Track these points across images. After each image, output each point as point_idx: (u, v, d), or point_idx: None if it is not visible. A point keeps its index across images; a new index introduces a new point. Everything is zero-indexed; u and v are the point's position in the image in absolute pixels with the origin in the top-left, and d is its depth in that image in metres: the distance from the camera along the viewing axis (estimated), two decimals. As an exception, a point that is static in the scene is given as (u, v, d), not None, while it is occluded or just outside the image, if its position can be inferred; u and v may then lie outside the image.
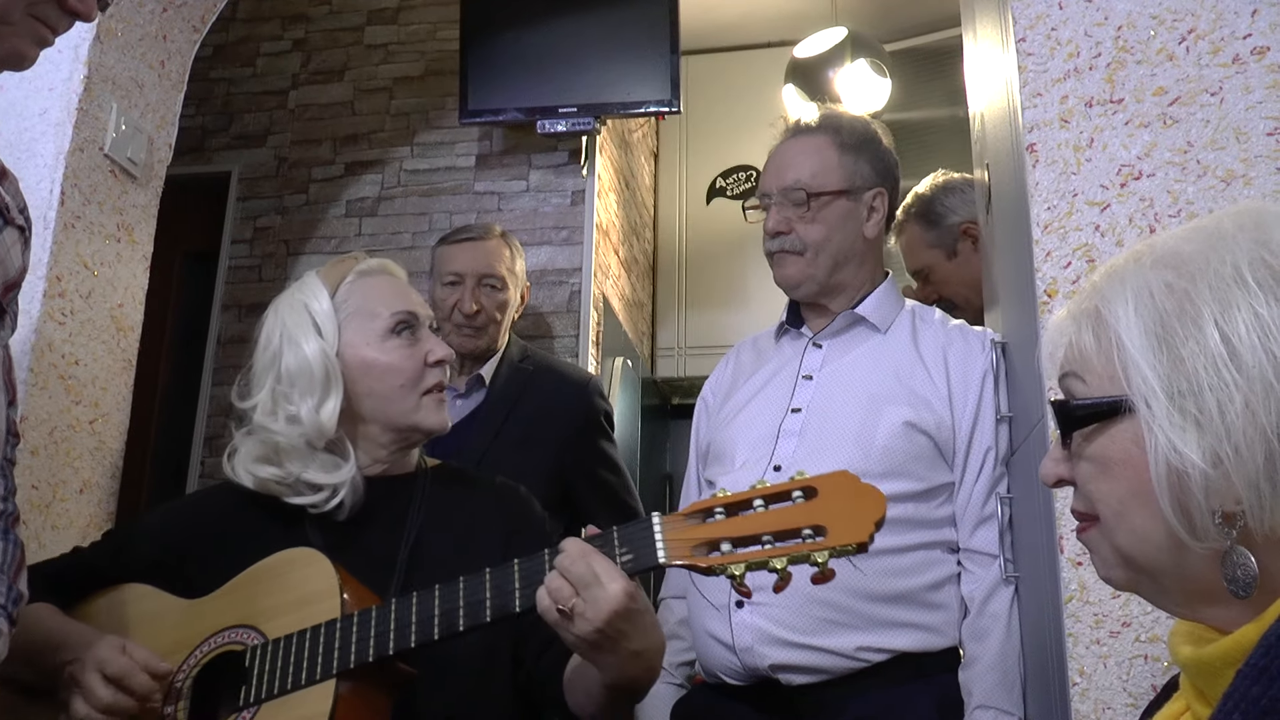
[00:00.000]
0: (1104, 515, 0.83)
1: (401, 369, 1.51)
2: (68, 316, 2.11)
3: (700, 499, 1.87)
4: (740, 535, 1.14)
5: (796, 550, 1.11)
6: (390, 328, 1.52)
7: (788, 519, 1.14)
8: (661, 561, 1.16)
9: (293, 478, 1.47)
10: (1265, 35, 1.48)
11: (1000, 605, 1.64)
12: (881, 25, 4.71)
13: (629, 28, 3.74)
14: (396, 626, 1.27)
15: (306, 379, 1.47)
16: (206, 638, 1.40)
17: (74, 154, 2.13)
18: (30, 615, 1.39)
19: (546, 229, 3.79)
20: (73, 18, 1.33)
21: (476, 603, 1.25)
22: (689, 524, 1.18)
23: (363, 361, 1.50)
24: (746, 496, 1.17)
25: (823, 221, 1.82)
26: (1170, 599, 0.83)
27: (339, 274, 1.57)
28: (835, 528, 1.12)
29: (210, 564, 1.46)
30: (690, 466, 2.01)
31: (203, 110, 4.09)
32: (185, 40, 2.47)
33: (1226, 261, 0.77)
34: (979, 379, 1.74)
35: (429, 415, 1.52)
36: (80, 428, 2.14)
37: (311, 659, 1.29)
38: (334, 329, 1.51)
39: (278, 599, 1.37)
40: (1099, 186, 1.51)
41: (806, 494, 1.15)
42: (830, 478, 1.16)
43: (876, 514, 1.12)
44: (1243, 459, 0.73)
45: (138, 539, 1.58)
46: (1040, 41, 1.59)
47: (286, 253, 3.94)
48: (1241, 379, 0.73)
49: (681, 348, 4.76)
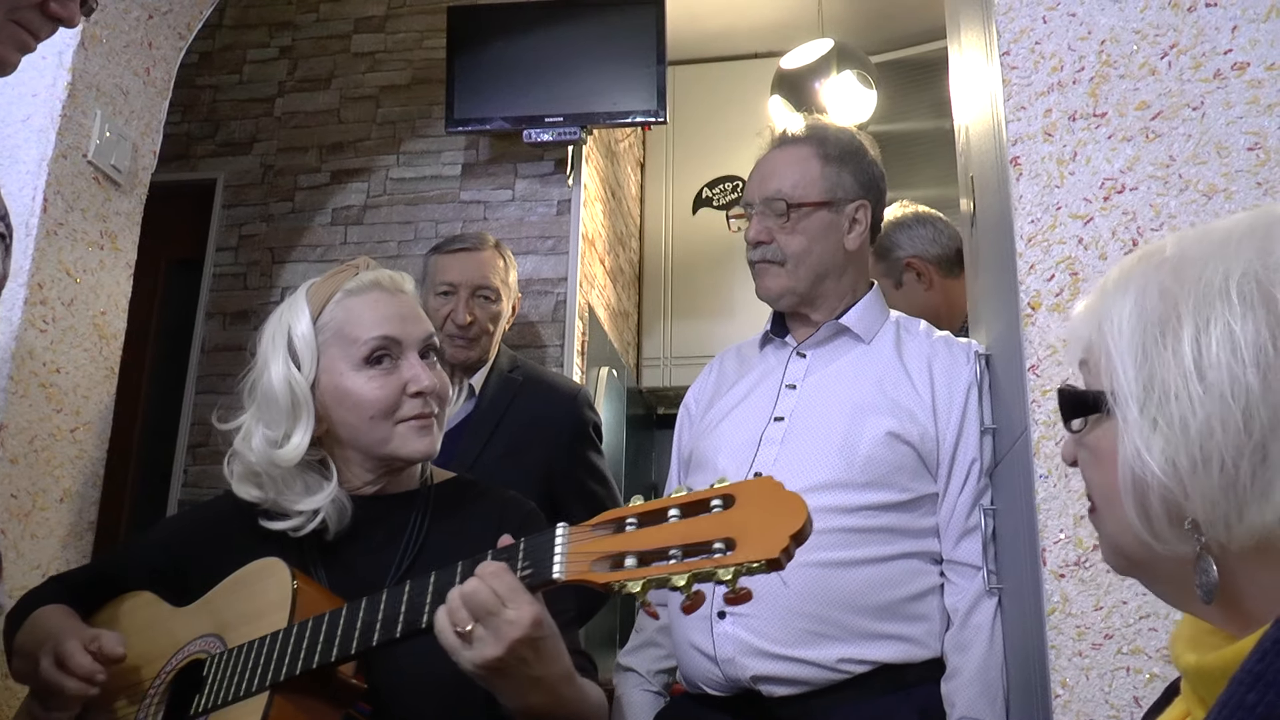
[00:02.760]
0: (1096, 503, 0.85)
1: (372, 402, 1.44)
2: (49, 324, 2.10)
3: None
4: (647, 549, 1.04)
5: (700, 566, 0.99)
6: (365, 357, 1.46)
7: (699, 530, 1.02)
8: (556, 577, 1.09)
9: (270, 501, 1.46)
10: (1245, 51, 1.49)
11: (983, 617, 1.64)
12: (867, 37, 4.73)
13: (616, 38, 3.75)
14: (324, 639, 1.25)
15: (275, 408, 1.44)
16: (183, 645, 1.41)
17: (57, 160, 2.12)
18: (37, 618, 1.42)
19: (532, 238, 3.79)
20: (55, 23, 1.33)
21: (390, 618, 1.21)
22: (595, 535, 1.10)
23: (337, 389, 1.46)
24: (662, 505, 1.07)
25: (803, 232, 1.82)
26: (1161, 589, 0.84)
27: (327, 292, 1.52)
28: (746, 541, 0.99)
29: (208, 572, 1.45)
30: (672, 474, 2.00)
31: (188, 117, 4.08)
32: (171, 47, 2.47)
33: (1219, 272, 0.77)
34: (964, 390, 1.74)
35: (405, 444, 1.46)
36: (61, 436, 2.13)
37: (253, 670, 1.28)
38: (312, 356, 1.46)
39: (242, 608, 1.37)
40: (1082, 200, 1.52)
41: (725, 502, 1.03)
42: (750, 484, 1.04)
43: (793, 526, 0.98)
44: (1198, 473, 0.74)
45: (148, 548, 1.60)
46: (1024, 55, 1.60)
47: (272, 260, 3.93)
48: (1205, 394, 0.74)
49: (667, 358, 4.76)
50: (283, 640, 1.28)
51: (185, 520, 1.63)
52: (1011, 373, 1.58)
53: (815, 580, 1.62)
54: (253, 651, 1.30)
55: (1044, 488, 1.43)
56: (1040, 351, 1.47)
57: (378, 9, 4.11)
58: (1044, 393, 1.46)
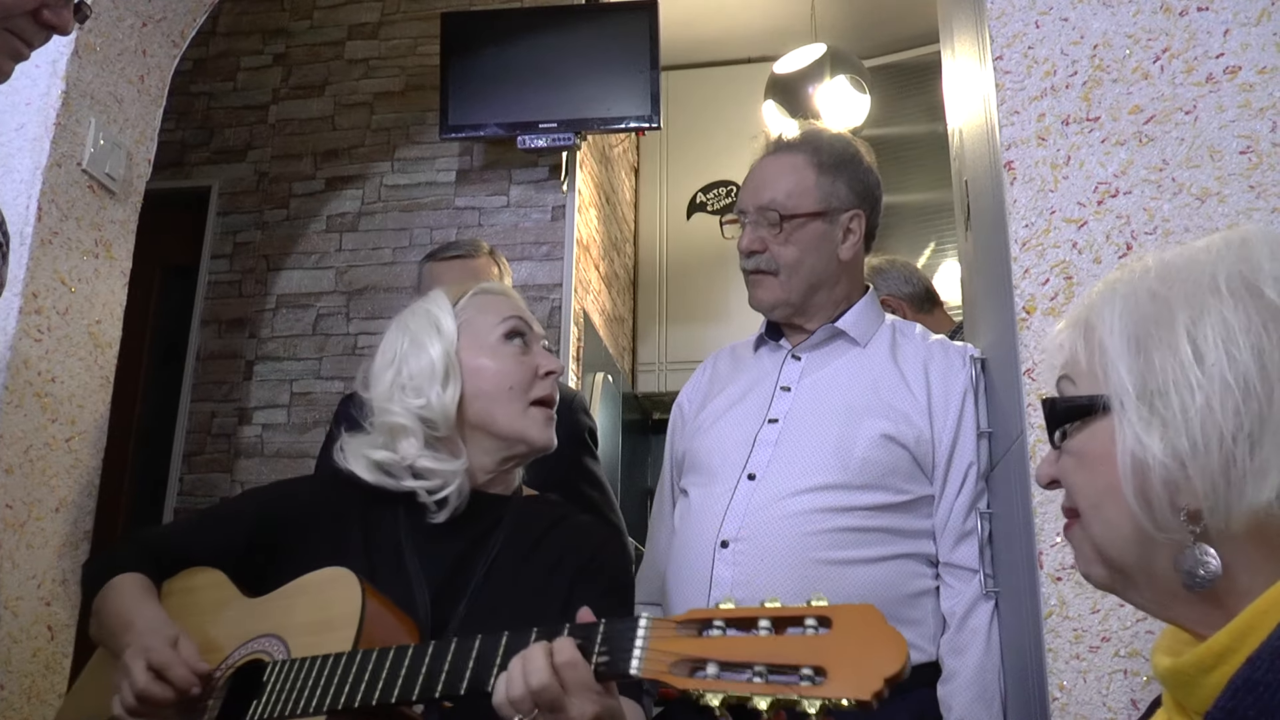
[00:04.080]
0: (1082, 508, 0.86)
1: (511, 373, 1.52)
2: (44, 333, 2.10)
3: (669, 516, 1.86)
4: (730, 660, 0.98)
5: (784, 692, 0.93)
6: (504, 333, 1.55)
7: (789, 651, 0.96)
8: (633, 673, 1.04)
9: (407, 460, 1.48)
10: (1237, 55, 1.50)
11: (980, 620, 1.64)
12: (861, 41, 4.74)
13: (609, 43, 3.76)
14: (387, 677, 1.23)
15: (428, 372, 1.50)
16: (246, 641, 1.40)
17: (51, 169, 2.12)
18: (117, 587, 1.43)
19: (527, 244, 3.79)
20: (49, 32, 1.33)
21: (455, 671, 1.18)
22: (679, 634, 1.04)
23: (476, 365, 1.53)
24: (753, 614, 1.01)
25: (796, 243, 1.81)
26: (1143, 596, 0.86)
27: (460, 290, 1.62)
28: (837, 674, 0.92)
29: (286, 561, 1.45)
30: (664, 474, 1.99)
31: (183, 125, 4.08)
32: (165, 55, 2.47)
33: (1206, 272, 0.80)
34: (960, 394, 1.74)
35: (535, 427, 1.53)
36: (57, 445, 2.12)
37: (312, 690, 1.27)
38: (453, 330, 1.54)
39: (308, 616, 1.37)
40: (1076, 204, 1.52)
41: (821, 623, 0.97)
42: (851, 610, 0.97)
43: (890, 667, 0.92)
44: (1199, 455, 0.76)
45: (235, 522, 1.57)
46: (1017, 59, 1.60)
47: (266, 268, 3.93)
48: (1204, 379, 0.77)
49: (662, 363, 4.77)
50: (345, 666, 1.26)
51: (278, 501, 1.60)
52: (1007, 377, 1.59)
53: (811, 581, 1.61)
54: (314, 669, 1.28)
55: (1040, 491, 1.43)
56: (1036, 355, 1.48)
57: (371, 15, 4.12)
58: (1040, 396, 1.46)
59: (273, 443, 3.77)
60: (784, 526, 1.65)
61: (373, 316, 3.81)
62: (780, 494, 1.68)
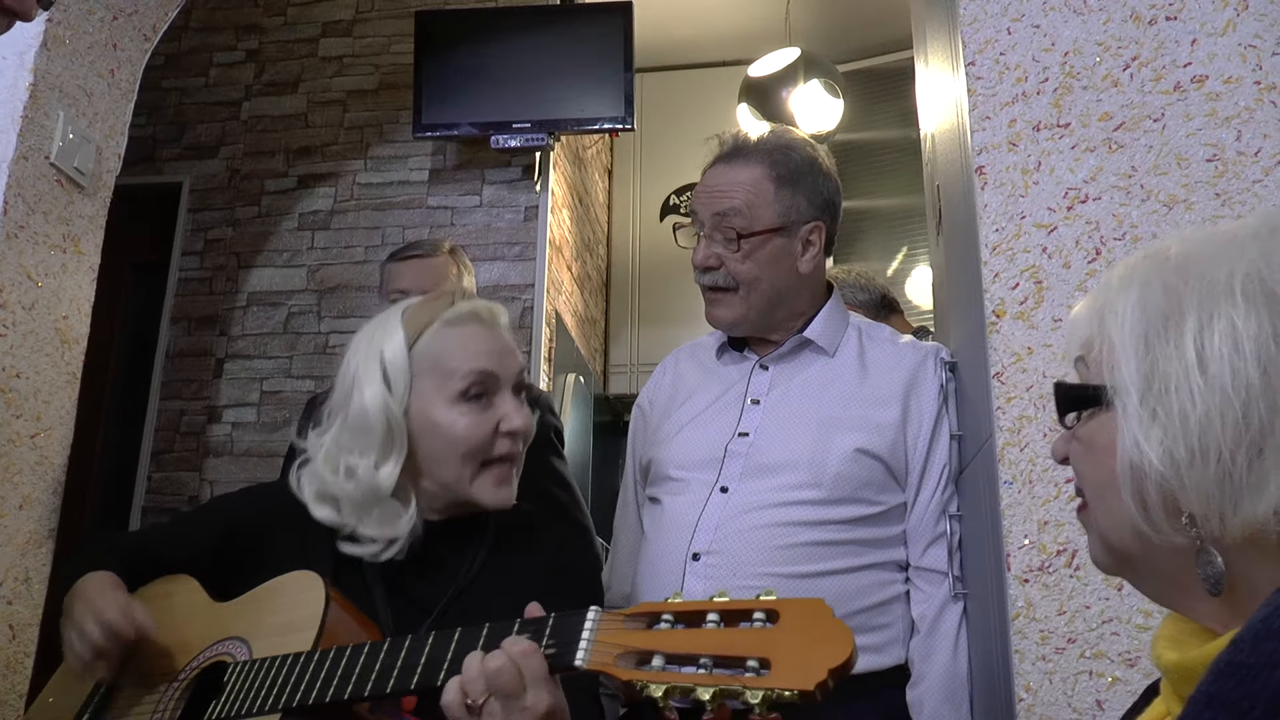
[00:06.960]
0: (1088, 497, 0.86)
1: (465, 439, 1.42)
2: (9, 328, 2.07)
3: (634, 522, 1.84)
4: (678, 652, 0.99)
5: (728, 683, 0.93)
6: (462, 391, 1.43)
7: (735, 643, 0.97)
8: (578, 664, 1.04)
9: (349, 528, 1.44)
10: (1204, 64, 1.52)
11: (949, 623, 1.65)
12: (835, 46, 4.77)
13: (584, 44, 3.76)
14: (342, 674, 1.23)
15: (368, 434, 1.41)
16: (212, 644, 1.40)
17: (18, 162, 2.09)
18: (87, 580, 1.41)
19: (499, 244, 3.78)
20: (10, 17, 1.32)
21: (407, 667, 1.18)
22: (627, 627, 1.04)
23: (430, 422, 1.43)
24: (702, 608, 1.01)
25: (755, 260, 1.75)
26: (1150, 587, 0.85)
27: (424, 319, 1.47)
28: (781, 665, 0.93)
29: (256, 566, 1.44)
30: (626, 476, 1.97)
31: (154, 120, 4.05)
32: (136, 49, 2.45)
33: (1224, 270, 0.79)
34: (933, 397, 1.73)
35: (485, 491, 1.44)
36: (21, 442, 2.10)
37: (269, 689, 1.27)
38: (405, 383, 1.43)
39: (273, 618, 1.36)
40: (1046, 209, 1.53)
41: (768, 617, 0.98)
42: (799, 604, 0.98)
43: (835, 659, 0.92)
44: (1196, 466, 0.75)
45: (206, 529, 1.55)
46: (989, 66, 1.61)
47: (237, 265, 3.91)
48: (1205, 387, 0.75)
49: (634, 364, 4.77)
50: (302, 665, 1.26)
51: (246, 506, 1.58)
52: (976, 380, 1.60)
53: (782, 594, 1.61)
54: (272, 669, 1.28)
55: (1008, 494, 1.44)
56: (1005, 359, 1.49)
57: (345, 13, 4.10)
58: (1009, 399, 1.48)
59: (242, 441, 3.74)
60: (756, 539, 1.64)
61: (344, 315, 3.79)
62: (752, 507, 1.66)
